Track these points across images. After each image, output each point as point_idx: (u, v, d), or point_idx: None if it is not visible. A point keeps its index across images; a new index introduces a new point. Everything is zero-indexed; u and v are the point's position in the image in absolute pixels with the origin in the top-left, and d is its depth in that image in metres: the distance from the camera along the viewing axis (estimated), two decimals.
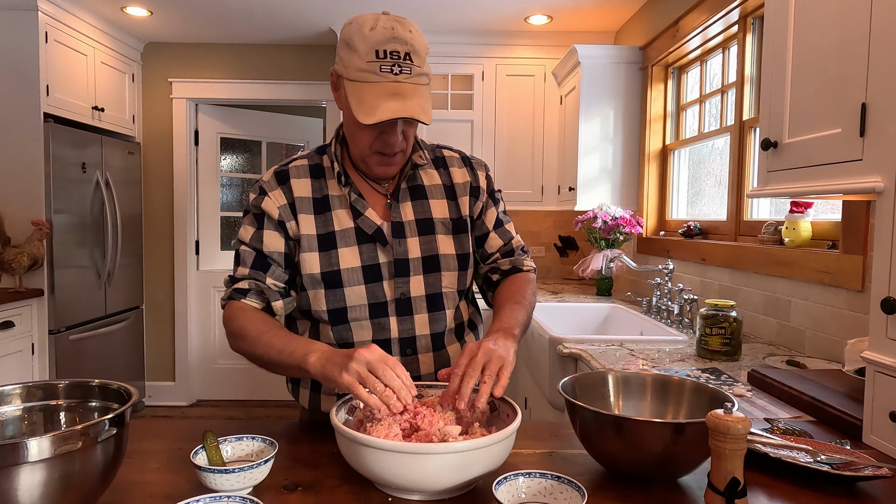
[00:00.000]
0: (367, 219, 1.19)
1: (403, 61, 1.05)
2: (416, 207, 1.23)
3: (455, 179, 1.27)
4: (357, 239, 1.19)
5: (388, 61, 1.04)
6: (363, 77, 1.05)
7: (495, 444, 0.83)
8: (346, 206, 1.20)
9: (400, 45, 1.05)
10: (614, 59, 3.38)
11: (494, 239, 1.30)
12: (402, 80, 1.05)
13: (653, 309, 2.64)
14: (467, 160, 1.31)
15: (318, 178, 1.22)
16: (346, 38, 1.08)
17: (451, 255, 1.23)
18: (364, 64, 1.05)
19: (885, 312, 1.02)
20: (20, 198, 3.29)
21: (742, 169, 2.43)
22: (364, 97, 1.05)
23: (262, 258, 1.18)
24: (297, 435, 1.09)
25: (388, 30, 1.04)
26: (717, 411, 0.81)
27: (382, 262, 1.19)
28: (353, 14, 3.63)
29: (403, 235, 1.20)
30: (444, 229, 1.23)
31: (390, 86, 1.05)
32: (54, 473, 0.70)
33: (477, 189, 1.28)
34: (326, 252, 1.18)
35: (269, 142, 4.79)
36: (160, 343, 4.49)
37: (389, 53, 1.04)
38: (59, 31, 3.41)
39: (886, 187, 1.04)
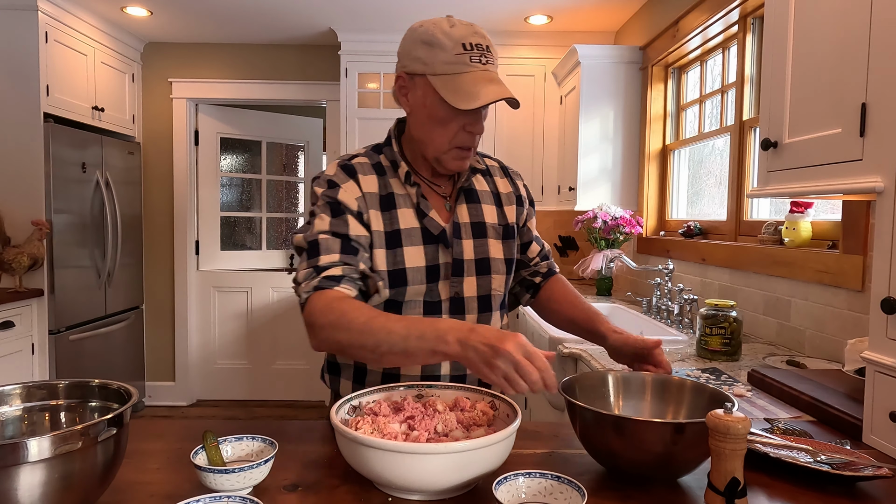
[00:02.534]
0: (432, 219, 1.21)
1: (487, 53, 1.11)
2: (471, 210, 1.26)
3: (499, 188, 1.32)
4: (423, 239, 1.20)
5: (475, 52, 1.10)
6: (454, 69, 1.10)
7: (495, 444, 0.83)
8: (411, 206, 1.21)
9: (482, 39, 1.12)
10: (614, 59, 3.38)
11: (535, 245, 1.40)
12: (490, 68, 1.12)
13: (653, 309, 2.64)
14: (505, 170, 1.37)
15: (381, 175, 1.22)
16: (426, 38, 1.11)
17: (500, 259, 1.27)
18: (452, 57, 1.09)
19: (885, 312, 1.02)
20: (20, 198, 3.29)
21: (742, 169, 2.43)
22: (460, 86, 1.09)
23: (349, 243, 1.13)
24: (297, 435, 1.09)
25: (468, 26, 1.11)
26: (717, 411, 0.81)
27: (442, 262, 1.21)
28: (352, 14, 3.64)
29: (460, 237, 1.23)
30: (494, 234, 1.27)
31: (483, 73, 1.10)
32: (54, 473, 0.70)
33: (521, 198, 1.35)
34: (392, 250, 1.18)
35: (269, 142, 4.79)
36: (160, 343, 4.49)
37: (475, 46, 1.10)
38: (59, 31, 3.41)
39: (886, 187, 1.04)
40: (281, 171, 4.91)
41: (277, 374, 4.60)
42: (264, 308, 4.58)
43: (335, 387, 1.30)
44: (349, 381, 1.26)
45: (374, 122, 3.94)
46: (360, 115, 3.94)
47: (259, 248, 4.82)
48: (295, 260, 4.88)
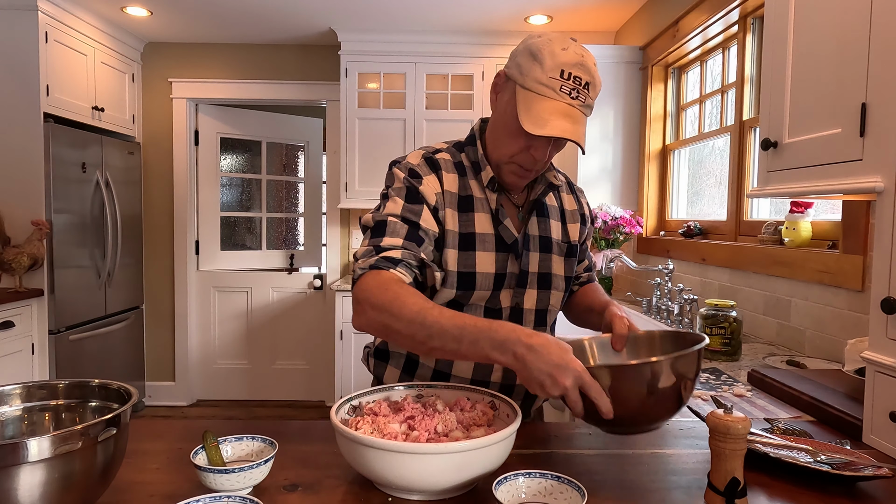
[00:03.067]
0: (507, 228, 1.20)
1: (583, 89, 1.08)
2: (541, 224, 1.26)
3: (565, 205, 1.32)
4: (496, 246, 1.20)
5: (570, 83, 1.07)
6: (541, 90, 1.08)
7: (495, 444, 0.83)
8: (487, 211, 1.20)
9: (584, 74, 1.08)
10: (614, 59, 3.38)
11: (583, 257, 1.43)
12: (575, 104, 1.08)
13: (653, 309, 2.64)
14: (571, 186, 1.37)
15: (462, 175, 1.22)
16: (534, 49, 1.09)
17: (560, 276, 1.27)
18: (546, 79, 1.07)
19: (885, 312, 1.02)
20: (20, 198, 3.29)
21: (742, 169, 2.43)
22: (536, 108, 1.08)
23: (417, 231, 1.12)
24: (297, 435, 1.09)
25: (578, 55, 1.08)
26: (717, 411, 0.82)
27: (510, 271, 1.21)
28: (352, 14, 3.64)
29: (529, 249, 1.23)
30: (558, 250, 1.27)
31: (565, 107, 1.07)
32: (54, 473, 0.70)
33: (584, 217, 1.36)
34: (465, 252, 1.17)
35: (269, 142, 4.79)
36: (160, 343, 4.49)
37: (573, 77, 1.07)
38: (59, 31, 3.41)
39: (886, 187, 1.04)
40: (281, 171, 4.91)
41: (277, 374, 4.60)
42: (264, 308, 4.58)
43: (379, 372, 1.29)
44: (397, 370, 1.26)
45: (375, 122, 3.94)
46: (360, 115, 3.93)
47: (259, 248, 4.82)
48: (296, 259, 4.88)
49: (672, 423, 1.22)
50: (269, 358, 4.60)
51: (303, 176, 4.97)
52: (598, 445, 1.08)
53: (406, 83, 3.93)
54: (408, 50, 3.91)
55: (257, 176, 4.80)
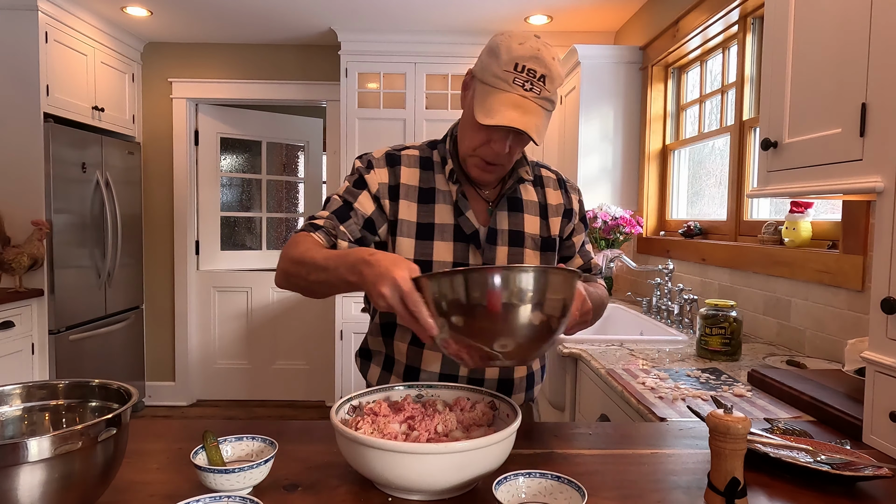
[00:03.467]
0: (467, 219, 1.23)
1: (537, 81, 1.09)
2: (511, 219, 1.26)
3: (549, 200, 1.31)
4: (454, 236, 1.23)
5: (523, 76, 1.09)
6: (495, 83, 1.10)
7: (495, 444, 0.83)
8: (450, 203, 1.24)
9: (539, 67, 1.09)
10: (614, 59, 3.38)
11: (577, 260, 1.37)
12: (529, 96, 1.09)
13: (653, 309, 2.64)
14: (563, 183, 1.36)
15: (426, 169, 1.26)
16: (493, 46, 1.13)
17: None
18: (501, 72, 1.10)
19: (885, 312, 1.02)
20: (20, 198, 3.29)
21: (742, 169, 2.43)
22: (488, 100, 1.11)
23: (347, 209, 1.21)
24: (297, 435, 1.09)
25: (534, 49, 1.09)
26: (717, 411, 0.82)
27: (471, 263, 1.23)
28: (352, 14, 3.64)
29: (495, 243, 1.24)
30: (532, 244, 1.27)
31: (517, 98, 1.09)
32: (54, 473, 0.70)
33: (570, 212, 1.33)
34: (422, 241, 1.22)
35: (269, 142, 4.79)
36: (160, 343, 4.49)
37: (527, 70, 1.09)
38: (59, 31, 3.41)
39: (886, 187, 1.04)
40: (281, 171, 4.91)
41: (277, 374, 4.60)
42: (264, 308, 4.58)
43: (364, 371, 1.33)
44: (378, 368, 1.30)
45: (375, 122, 3.94)
46: (360, 115, 3.94)
47: (259, 248, 4.82)
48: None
49: (672, 423, 1.22)
50: (269, 358, 4.60)
51: (303, 176, 4.97)
52: (598, 445, 1.08)
53: (406, 83, 3.93)
54: (408, 50, 3.91)
55: (257, 176, 4.80)
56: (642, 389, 1.51)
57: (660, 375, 1.64)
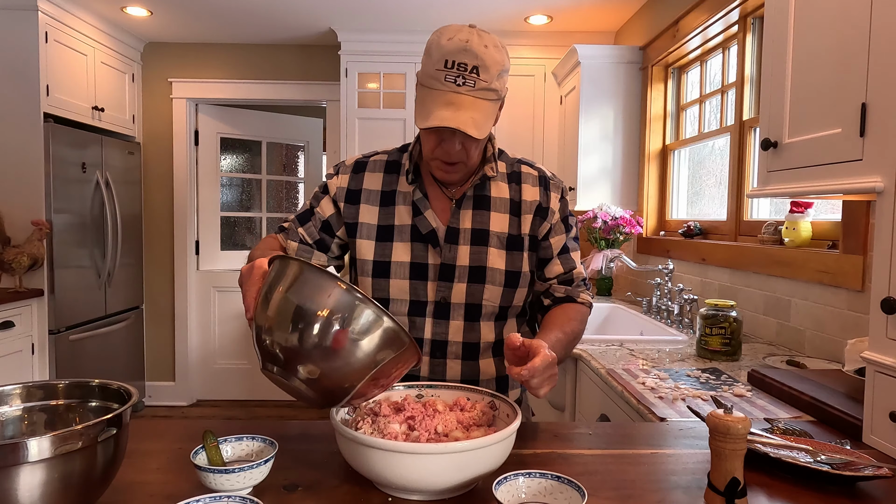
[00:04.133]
0: (424, 219, 1.23)
1: (469, 74, 1.07)
2: (476, 217, 1.23)
3: (524, 196, 1.25)
4: (411, 236, 1.23)
5: (453, 72, 1.07)
6: (429, 83, 1.10)
7: (495, 444, 0.83)
8: (409, 204, 1.24)
9: (469, 58, 1.07)
10: (614, 59, 3.38)
11: (556, 265, 1.27)
12: (462, 91, 1.08)
13: (653, 309, 2.64)
14: (544, 180, 1.28)
15: (391, 173, 1.28)
16: (427, 45, 1.12)
17: (499, 269, 1.22)
18: (433, 71, 1.09)
19: (885, 312, 1.02)
20: (20, 198, 3.29)
21: (742, 169, 2.43)
22: (424, 102, 1.11)
23: (309, 213, 1.31)
24: (297, 435, 1.09)
25: (462, 42, 1.07)
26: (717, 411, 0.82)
27: (430, 263, 1.22)
28: (352, 14, 3.64)
29: (456, 242, 1.22)
30: (498, 243, 1.23)
31: (449, 95, 1.08)
32: (54, 473, 0.70)
33: (545, 210, 1.25)
34: (382, 243, 1.24)
35: (269, 142, 4.79)
36: (160, 343, 4.49)
37: (457, 65, 1.07)
38: (59, 31, 3.41)
39: (886, 187, 1.04)
40: (281, 171, 4.91)
41: None
42: None
43: None
44: None
45: (375, 122, 3.94)
46: (360, 115, 3.93)
47: None
48: None
49: (672, 423, 1.22)
50: None
51: (303, 176, 4.97)
52: (598, 445, 1.08)
53: (406, 83, 3.93)
54: (408, 50, 3.90)
55: (257, 176, 4.80)
56: (642, 389, 1.51)
57: (660, 375, 1.64)
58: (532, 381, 0.94)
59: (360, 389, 0.86)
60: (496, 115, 1.14)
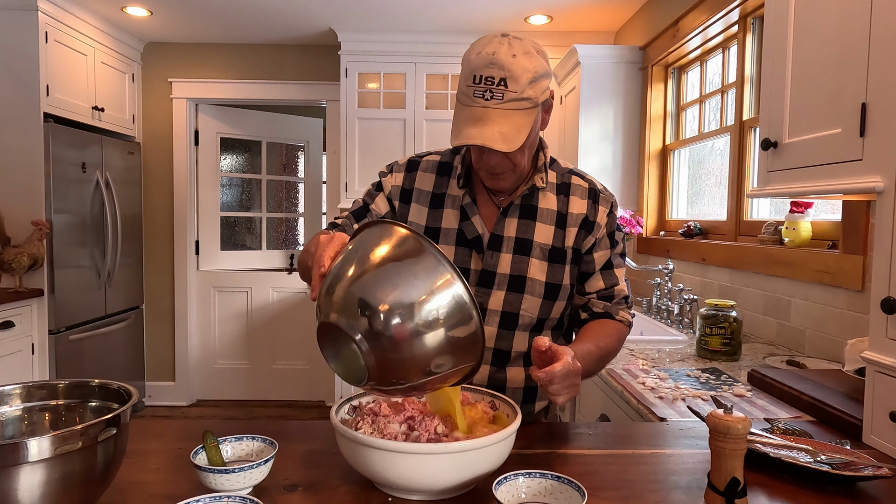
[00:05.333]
0: (471, 224, 1.23)
1: (496, 87, 1.06)
2: (521, 226, 1.23)
3: (571, 209, 1.24)
4: (456, 240, 1.23)
5: (481, 87, 1.07)
6: (461, 100, 1.11)
7: (495, 444, 0.83)
8: (458, 208, 1.25)
9: (496, 71, 1.06)
10: (614, 59, 3.38)
11: (597, 280, 1.26)
12: (490, 105, 1.07)
13: (653, 309, 2.64)
14: (594, 192, 1.27)
15: (443, 175, 1.28)
16: (463, 57, 1.12)
17: (539, 280, 1.22)
18: (464, 87, 1.09)
19: (885, 312, 1.02)
20: (20, 198, 3.29)
21: (742, 169, 2.43)
22: (456, 119, 1.11)
23: (364, 210, 1.30)
24: (297, 435, 1.09)
25: (488, 55, 1.06)
26: (717, 411, 0.82)
27: (472, 268, 1.22)
28: (352, 14, 3.64)
29: (499, 249, 1.22)
30: (540, 254, 1.22)
31: (477, 111, 1.07)
32: (54, 473, 0.70)
33: (592, 224, 1.24)
34: None
35: (269, 142, 4.79)
36: (160, 343, 4.49)
37: (484, 79, 1.06)
38: (59, 31, 3.41)
39: (886, 187, 1.04)
40: (281, 171, 4.91)
41: (277, 374, 4.60)
42: (264, 308, 4.58)
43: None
44: None
45: (375, 122, 3.94)
46: (360, 115, 3.93)
47: (259, 248, 4.82)
48: (296, 259, 4.88)
49: (672, 423, 1.22)
50: (269, 358, 4.60)
51: (303, 176, 4.97)
52: (598, 445, 1.08)
53: (406, 83, 3.93)
54: (408, 50, 3.91)
55: (257, 176, 4.80)
56: (642, 389, 1.51)
57: (660, 375, 1.64)
58: (550, 386, 0.94)
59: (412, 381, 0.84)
60: (534, 122, 1.12)
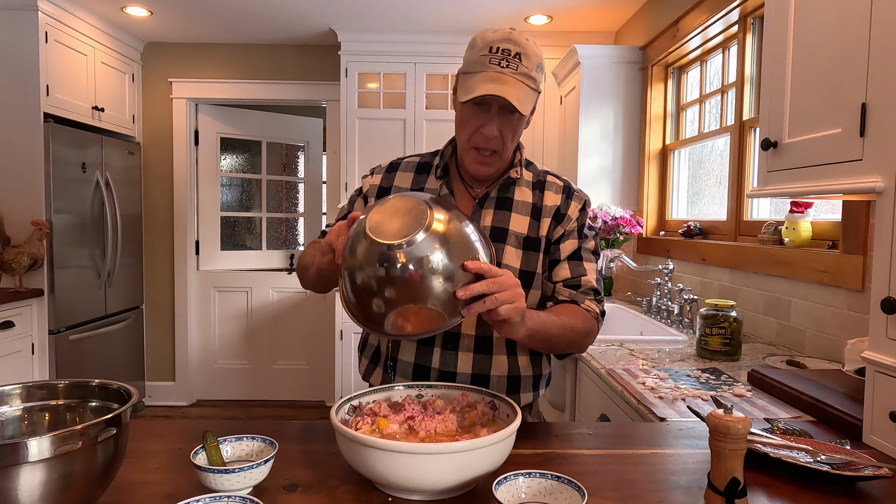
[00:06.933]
0: None
1: (512, 58, 1.14)
2: (496, 217, 1.27)
3: (545, 202, 1.29)
4: None
5: (497, 55, 1.14)
6: (473, 68, 1.16)
7: (495, 444, 0.83)
8: None
9: (512, 46, 1.14)
10: (614, 59, 3.38)
11: (563, 269, 1.27)
12: (506, 71, 1.13)
13: (653, 309, 2.64)
14: (568, 189, 1.31)
15: (421, 173, 1.34)
16: (470, 43, 1.19)
17: (514, 268, 1.24)
18: (477, 57, 1.15)
19: (885, 312, 1.02)
20: (20, 198, 3.29)
21: (742, 169, 2.43)
22: (468, 83, 1.16)
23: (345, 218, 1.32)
24: (297, 435, 1.09)
25: (506, 33, 1.15)
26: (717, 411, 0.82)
27: None
28: (352, 14, 3.64)
29: None
30: (515, 242, 1.25)
31: (494, 74, 1.13)
32: (54, 473, 0.70)
33: (562, 216, 1.28)
34: None
35: (269, 142, 4.79)
36: (160, 343, 4.49)
37: (501, 50, 1.14)
38: (59, 31, 3.41)
39: (886, 187, 1.04)
40: (281, 171, 4.91)
41: (277, 374, 4.60)
42: (264, 308, 4.58)
43: (359, 364, 1.38)
44: (367, 361, 1.36)
45: (375, 122, 3.94)
46: (361, 115, 3.93)
47: (259, 248, 4.82)
48: (295, 259, 4.88)
49: (672, 423, 1.22)
50: (269, 358, 4.60)
51: (303, 176, 4.97)
52: (598, 445, 1.08)
53: (406, 83, 3.93)
54: (408, 50, 3.91)
55: (257, 176, 4.80)
56: (642, 389, 1.51)
57: (660, 375, 1.64)
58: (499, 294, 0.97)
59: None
60: (532, 107, 1.19)
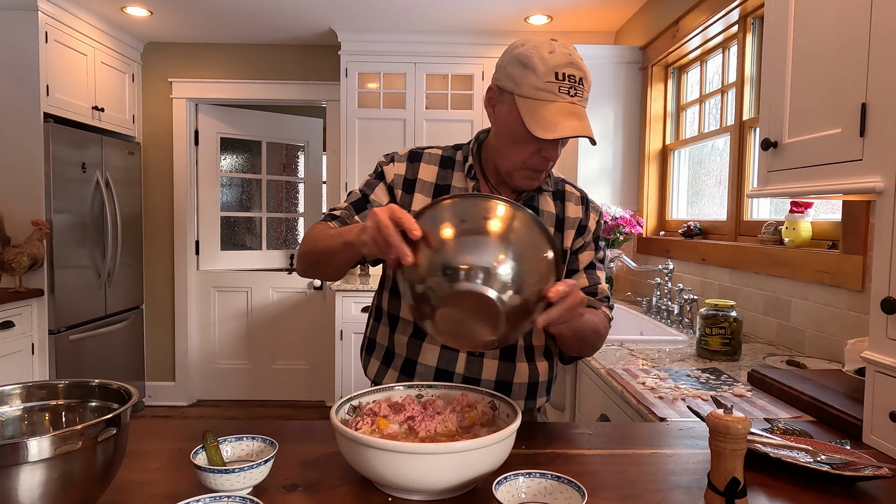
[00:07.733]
0: None
1: (578, 85, 1.13)
2: None
3: (567, 213, 1.31)
4: None
5: (566, 83, 1.12)
6: (541, 95, 1.12)
7: (495, 444, 0.83)
8: None
9: (576, 70, 1.13)
10: (614, 59, 3.38)
11: (581, 278, 1.31)
12: (577, 101, 1.13)
13: (653, 309, 2.64)
14: (585, 200, 1.35)
15: (446, 168, 1.30)
16: (522, 58, 1.14)
17: None
18: (542, 83, 1.11)
19: (885, 312, 1.02)
20: (20, 198, 3.29)
21: (742, 169, 2.43)
22: (541, 114, 1.12)
23: (364, 202, 1.28)
24: (297, 435, 1.09)
25: (566, 55, 1.13)
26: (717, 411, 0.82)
27: None
28: (352, 14, 3.64)
29: None
30: None
31: (568, 106, 1.12)
32: (54, 473, 0.70)
33: (584, 228, 1.32)
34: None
35: (269, 142, 4.79)
36: (160, 343, 4.49)
37: (567, 77, 1.12)
38: (59, 31, 3.41)
39: (886, 187, 1.04)
40: (281, 171, 4.91)
41: (277, 374, 4.60)
42: (264, 308, 4.58)
43: (365, 366, 1.35)
44: (378, 362, 1.32)
45: (375, 122, 3.94)
46: (361, 115, 3.93)
47: (259, 248, 4.82)
48: (294, 259, 4.88)
49: (672, 423, 1.22)
50: (269, 358, 4.60)
51: (303, 176, 4.97)
52: (598, 445, 1.08)
53: (406, 83, 3.93)
54: (408, 50, 3.91)
55: (257, 176, 4.80)
56: (642, 389, 1.51)
57: (660, 375, 1.64)
58: (567, 298, 0.93)
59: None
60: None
